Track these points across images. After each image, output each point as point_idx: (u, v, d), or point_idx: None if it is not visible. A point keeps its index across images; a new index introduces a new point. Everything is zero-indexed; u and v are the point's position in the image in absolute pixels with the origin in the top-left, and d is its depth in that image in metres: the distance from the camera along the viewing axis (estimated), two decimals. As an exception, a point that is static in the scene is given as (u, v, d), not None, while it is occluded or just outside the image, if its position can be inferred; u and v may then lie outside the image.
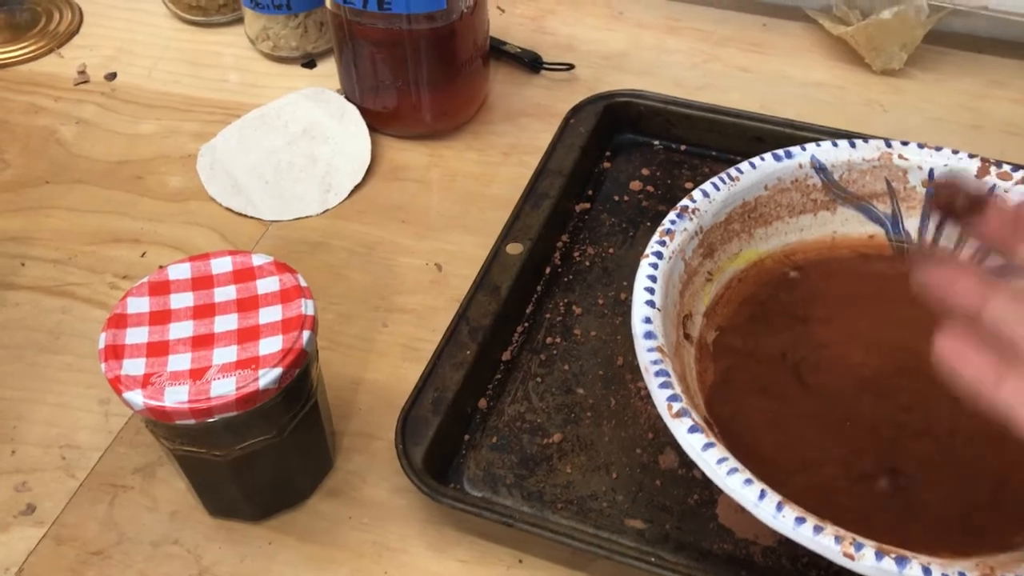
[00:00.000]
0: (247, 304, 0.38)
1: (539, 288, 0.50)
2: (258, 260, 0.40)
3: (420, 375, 0.44)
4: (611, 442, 0.43)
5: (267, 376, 0.35)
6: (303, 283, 0.39)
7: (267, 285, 0.39)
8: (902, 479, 0.39)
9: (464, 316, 0.46)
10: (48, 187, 0.56)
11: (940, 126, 0.59)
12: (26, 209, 0.55)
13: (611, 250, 0.52)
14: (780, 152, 0.45)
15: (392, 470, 0.42)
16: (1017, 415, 0.29)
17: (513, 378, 0.46)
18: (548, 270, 0.51)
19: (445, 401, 0.43)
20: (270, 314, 0.38)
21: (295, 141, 0.57)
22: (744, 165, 0.44)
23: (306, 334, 0.37)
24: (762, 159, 0.44)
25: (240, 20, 0.65)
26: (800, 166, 0.45)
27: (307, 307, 0.38)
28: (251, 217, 0.54)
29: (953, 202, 0.33)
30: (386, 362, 0.47)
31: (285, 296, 0.38)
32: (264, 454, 0.38)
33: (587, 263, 0.51)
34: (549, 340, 0.47)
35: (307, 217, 0.54)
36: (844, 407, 0.41)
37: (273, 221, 0.54)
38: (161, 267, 0.39)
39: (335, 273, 0.51)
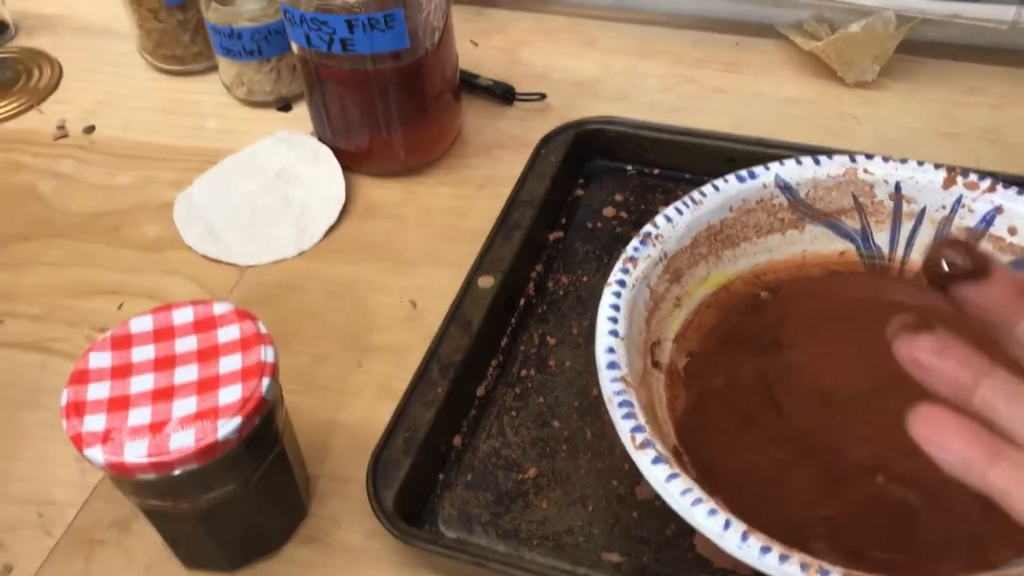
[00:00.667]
0: (207, 354, 0.38)
1: (513, 320, 0.49)
2: (219, 309, 0.40)
3: (391, 415, 0.43)
4: (587, 474, 0.43)
5: (226, 426, 0.35)
6: (263, 330, 0.39)
7: (228, 334, 0.39)
8: (879, 501, 0.38)
9: (435, 353, 0.46)
10: (27, 243, 0.57)
11: (916, 136, 0.58)
12: (6, 266, 0.55)
13: (585, 278, 0.51)
14: (743, 173, 0.44)
15: (366, 514, 0.42)
16: (1011, 503, 0.26)
17: (488, 413, 0.46)
18: (522, 301, 0.50)
19: (416, 441, 0.42)
20: (230, 363, 0.37)
21: (270, 185, 0.57)
22: (707, 188, 0.44)
23: (266, 381, 0.37)
24: (725, 181, 0.44)
25: (215, 67, 0.65)
26: (765, 186, 0.44)
27: (267, 354, 0.38)
28: (227, 263, 0.54)
29: (948, 270, 0.28)
30: (361, 403, 0.47)
31: (245, 344, 0.38)
32: (233, 504, 0.38)
33: (561, 292, 0.51)
34: (524, 373, 0.47)
35: (283, 260, 0.54)
36: (819, 430, 0.40)
37: (249, 266, 0.54)
38: (124, 321, 0.40)
39: (311, 315, 0.51)
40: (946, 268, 0.28)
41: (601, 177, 0.57)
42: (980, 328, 0.29)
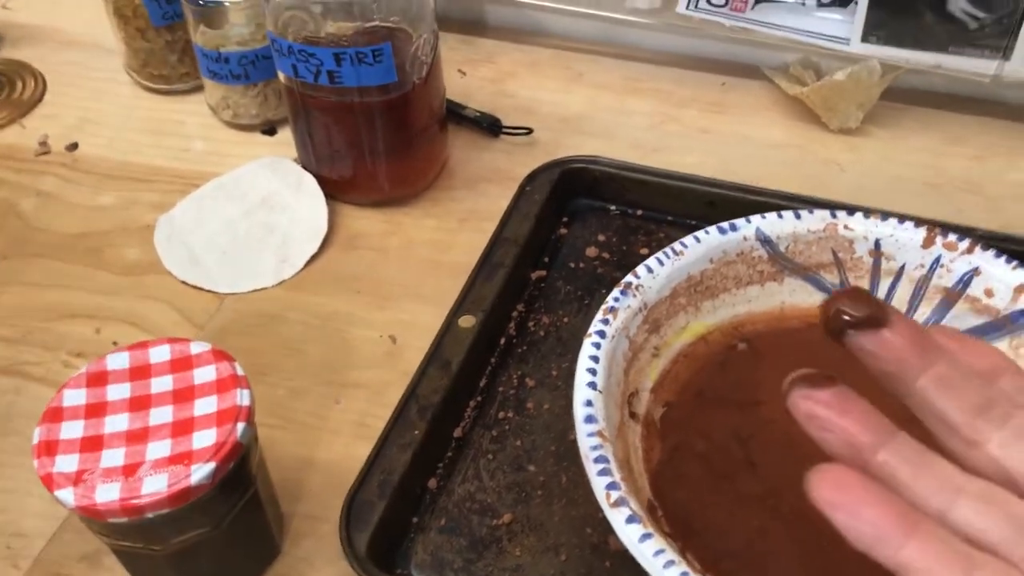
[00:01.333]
0: (183, 395, 0.38)
1: (493, 360, 0.49)
2: (196, 348, 0.39)
3: (367, 457, 0.43)
4: (561, 522, 0.43)
5: (200, 471, 0.35)
6: (240, 371, 0.39)
7: (204, 375, 0.38)
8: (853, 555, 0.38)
9: (414, 394, 0.46)
10: (6, 262, 0.56)
11: (898, 184, 0.59)
12: (-18, 285, 0.55)
13: (566, 319, 0.51)
14: (725, 225, 0.44)
15: (339, 555, 0.41)
16: None
17: (464, 455, 0.46)
18: (502, 341, 0.50)
19: (391, 484, 0.42)
20: (205, 405, 0.37)
21: (252, 211, 0.57)
22: (688, 239, 0.44)
23: (240, 426, 0.37)
24: (707, 232, 0.44)
25: (202, 87, 0.65)
26: (745, 238, 0.44)
27: (243, 397, 0.37)
28: (207, 290, 0.54)
29: (846, 318, 0.27)
30: (338, 441, 0.47)
31: (221, 386, 0.38)
32: (203, 546, 0.38)
33: (542, 333, 0.51)
34: (502, 415, 0.47)
35: (263, 289, 0.54)
36: (793, 487, 0.40)
37: (229, 294, 0.54)
38: (100, 357, 0.39)
39: (290, 347, 0.51)
40: (844, 316, 0.27)
41: (584, 216, 0.57)
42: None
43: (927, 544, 0.24)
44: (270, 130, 0.64)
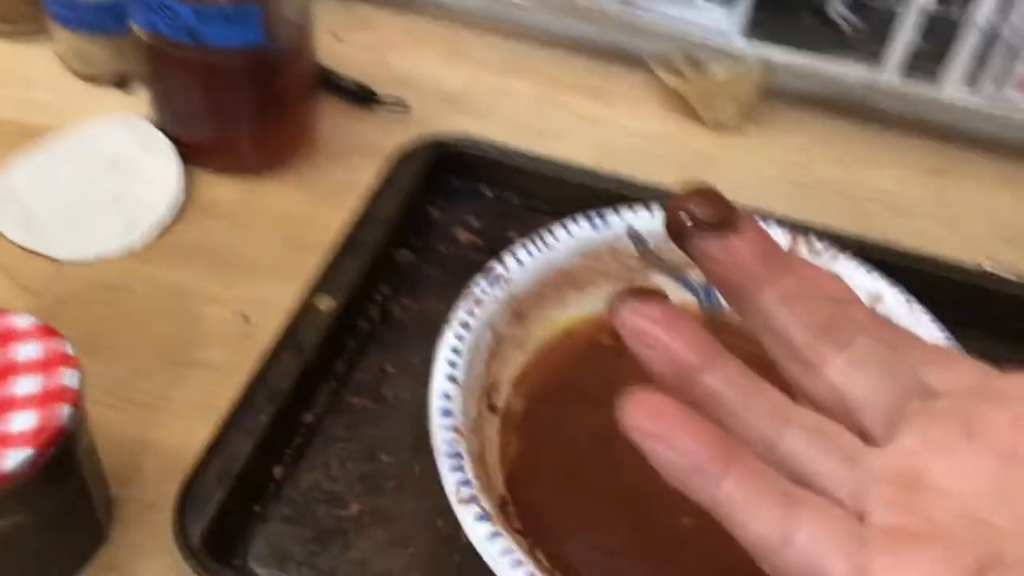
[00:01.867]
0: (2, 372, 0.34)
1: (351, 344, 0.47)
2: (21, 322, 0.36)
3: (207, 442, 0.41)
4: (412, 513, 0.41)
5: (16, 457, 0.32)
6: (69, 351, 0.35)
7: (28, 351, 0.35)
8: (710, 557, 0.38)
9: (263, 378, 0.43)
10: None
11: (769, 183, 0.59)
12: None
13: (431, 305, 0.50)
14: (596, 219, 0.44)
15: (172, 544, 0.39)
16: (743, 519, 0.22)
17: (314, 444, 0.43)
18: (363, 325, 0.48)
19: (232, 471, 0.40)
20: (28, 385, 0.34)
21: (100, 173, 0.53)
22: (559, 231, 0.43)
23: (66, 409, 0.34)
24: (578, 225, 0.43)
25: (49, 33, 0.60)
26: (616, 235, 0.44)
27: (70, 378, 0.34)
28: (45, 256, 0.50)
29: (689, 222, 0.24)
30: (180, 424, 0.44)
31: (48, 364, 0.35)
32: (21, 533, 0.35)
33: (407, 319, 0.49)
34: (356, 401, 0.45)
35: (108, 258, 0.50)
36: (652, 487, 0.40)
37: (70, 261, 0.50)
38: (-94, 327, 0.35)
39: (133, 321, 0.48)
40: (687, 220, 0.24)
41: (458, 197, 0.55)
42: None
43: (747, 478, 0.22)
44: (123, 83, 0.59)
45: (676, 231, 0.25)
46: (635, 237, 0.44)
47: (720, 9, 0.61)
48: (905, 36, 0.58)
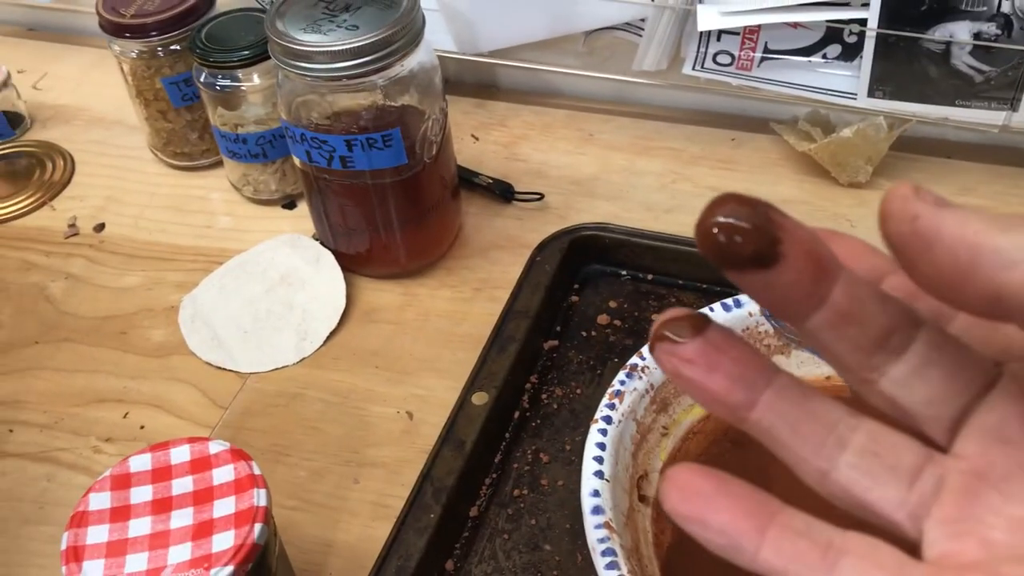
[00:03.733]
0: (203, 496, 0.39)
1: (507, 435, 0.50)
2: (215, 448, 0.41)
3: (384, 543, 0.44)
4: (576, 601, 0.44)
5: (219, 574, 0.36)
6: (256, 471, 0.40)
7: (222, 475, 0.40)
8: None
9: (429, 475, 0.47)
10: (38, 347, 0.58)
11: (909, 238, 0.59)
12: (16, 371, 0.57)
13: (578, 391, 0.52)
14: (729, 302, 0.45)
15: (360, 640, 0.43)
16: None
17: (480, 535, 0.46)
18: (516, 415, 0.51)
19: (409, 569, 0.43)
20: (224, 507, 0.39)
21: (273, 288, 0.59)
22: (694, 318, 0.45)
23: (258, 527, 0.38)
24: (711, 310, 0.45)
25: (223, 163, 0.67)
26: (750, 314, 0.45)
27: (259, 498, 0.39)
28: (232, 371, 0.56)
29: (725, 244, 0.21)
30: (357, 522, 0.48)
31: (239, 486, 0.39)
32: (227, 640, 0.39)
33: (555, 406, 0.52)
34: (516, 492, 0.48)
35: (284, 367, 0.56)
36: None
37: (251, 373, 0.55)
38: (123, 459, 0.41)
39: (310, 426, 0.52)
40: (723, 239, 0.21)
41: (596, 282, 0.58)
42: None
43: (784, 544, 0.21)
44: (290, 204, 0.65)
45: (713, 260, 0.21)
46: (770, 316, 0.45)
47: (843, 70, 0.61)
48: (1041, 75, 0.57)
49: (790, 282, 0.21)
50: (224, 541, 0.37)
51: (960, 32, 0.57)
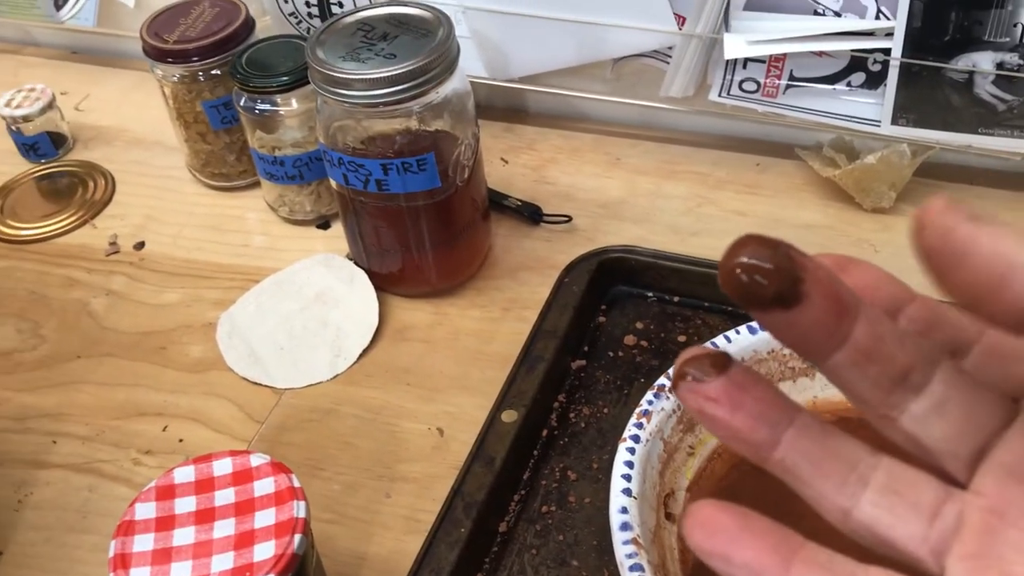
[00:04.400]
0: (244, 507, 0.41)
1: (535, 452, 0.52)
2: (256, 461, 0.42)
3: (415, 556, 0.46)
4: (603, 616, 0.45)
5: (261, 583, 0.38)
6: (296, 484, 0.41)
7: (263, 487, 0.41)
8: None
9: (460, 491, 0.48)
10: (80, 362, 0.60)
11: (932, 263, 0.59)
12: (60, 385, 0.59)
13: (605, 410, 0.53)
14: (754, 324, 0.46)
15: (392, 650, 0.44)
16: None
17: (509, 551, 0.48)
18: (544, 433, 0.52)
19: (440, 583, 0.45)
20: (265, 518, 0.40)
21: (308, 306, 0.61)
22: (719, 340, 0.46)
23: (297, 538, 0.39)
24: (737, 332, 0.46)
25: (260, 183, 0.69)
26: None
27: (299, 509, 0.40)
28: (268, 387, 0.57)
29: (747, 284, 0.21)
30: (389, 535, 0.49)
31: (279, 498, 0.41)
32: (265, 647, 0.41)
33: (582, 424, 0.53)
34: (545, 509, 0.49)
35: (318, 384, 0.57)
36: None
37: (286, 389, 0.57)
38: (167, 470, 0.42)
39: (343, 441, 0.54)
40: (745, 279, 0.21)
41: (623, 304, 0.59)
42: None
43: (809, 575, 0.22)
44: (324, 224, 0.67)
45: (737, 300, 0.22)
46: (794, 342, 0.46)
47: (867, 97, 0.62)
48: (1063, 104, 0.58)
49: (812, 321, 0.21)
50: (265, 551, 0.39)
51: (983, 62, 0.58)
